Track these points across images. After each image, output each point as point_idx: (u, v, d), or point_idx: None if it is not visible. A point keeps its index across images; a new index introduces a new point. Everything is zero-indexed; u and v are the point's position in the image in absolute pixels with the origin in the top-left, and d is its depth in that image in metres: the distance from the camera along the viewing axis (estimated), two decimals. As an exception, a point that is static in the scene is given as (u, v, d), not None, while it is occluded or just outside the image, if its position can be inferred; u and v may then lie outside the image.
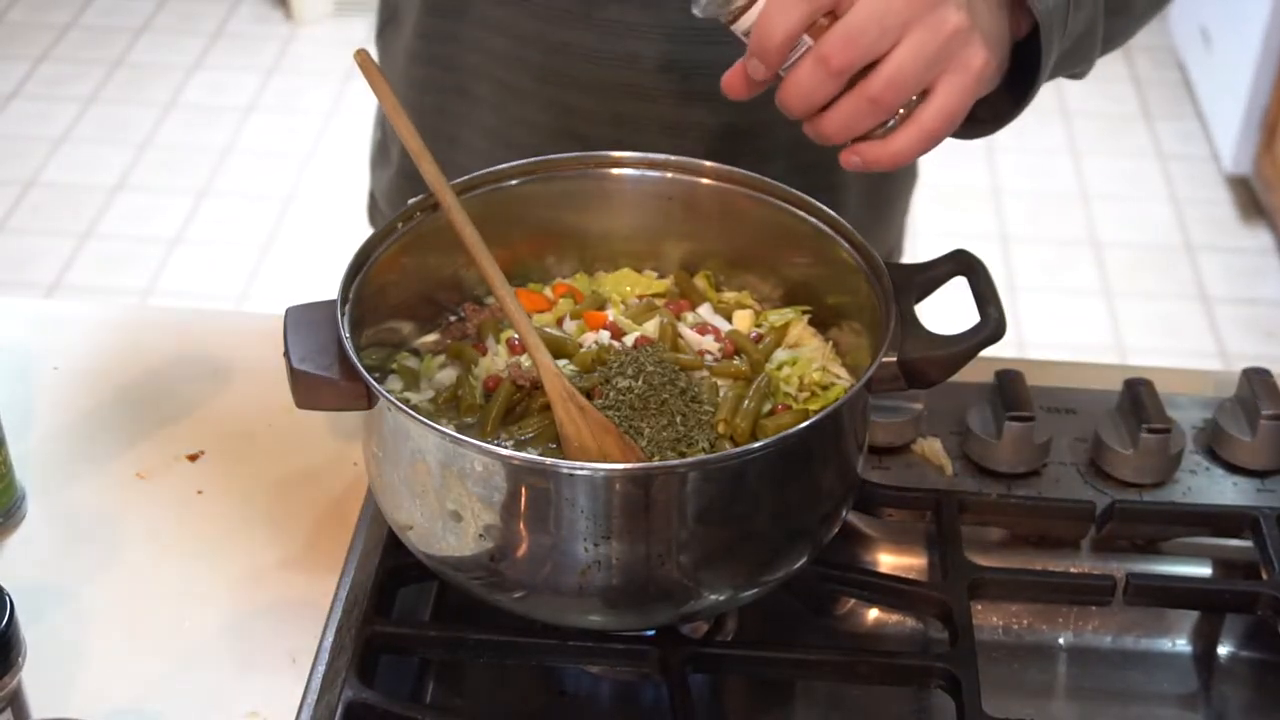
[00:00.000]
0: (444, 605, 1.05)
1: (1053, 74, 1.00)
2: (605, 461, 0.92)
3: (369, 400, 0.92)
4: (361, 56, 0.98)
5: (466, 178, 1.05)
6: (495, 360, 1.02)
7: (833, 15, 0.88)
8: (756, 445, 0.88)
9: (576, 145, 1.14)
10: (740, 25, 0.92)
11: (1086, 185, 3.59)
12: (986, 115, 1.00)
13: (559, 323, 1.07)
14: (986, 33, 0.91)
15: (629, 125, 1.19)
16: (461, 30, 1.21)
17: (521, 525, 0.89)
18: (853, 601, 1.08)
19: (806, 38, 0.88)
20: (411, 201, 1.02)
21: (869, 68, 0.88)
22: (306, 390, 0.93)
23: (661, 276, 1.12)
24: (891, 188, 1.35)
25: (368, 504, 1.08)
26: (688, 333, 1.05)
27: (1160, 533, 1.10)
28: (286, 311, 0.96)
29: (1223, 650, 1.08)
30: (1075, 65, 1.05)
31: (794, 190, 1.04)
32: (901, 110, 0.91)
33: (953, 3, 0.88)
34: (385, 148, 1.39)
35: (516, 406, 0.99)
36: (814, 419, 0.90)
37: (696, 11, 0.92)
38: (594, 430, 0.94)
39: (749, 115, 1.08)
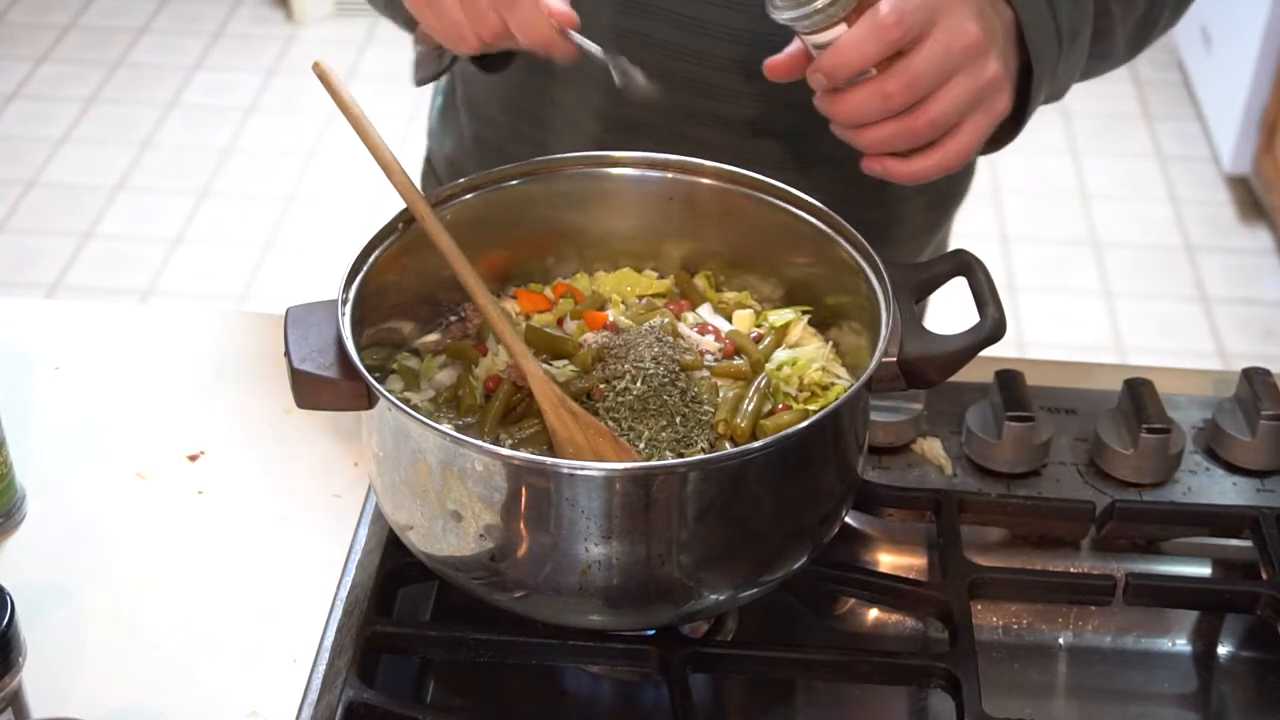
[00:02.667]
0: (444, 605, 1.05)
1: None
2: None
3: (369, 400, 0.92)
4: (319, 67, 0.98)
5: (467, 178, 1.06)
6: (495, 360, 1.02)
7: (899, 51, 0.96)
8: (756, 445, 0.88)
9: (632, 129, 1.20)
10: (815, 39, 0.97)
11: (1086, 185, 3.59)
12: None
13: (559, 323, 1.07)
14: (1011, 77, 1.02)
15: (689, 118, 1.21)
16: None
17: (522, 525, 0.89)
18: (853, 601, 1.08)
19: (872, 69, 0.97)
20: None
21: None
22: (306, 390, 0.93)
23: (662, 277, 1.12)
24: (951, 193, 1.38)
25: (368, 504, 1.08)
26: (688, 333, 1.05)
27: (1160, 533, 1.10)
28: (287, 311, 0.96)
29: (1223, 650, 1.08)
30: (1050, 98, 1.13)
31: (794, 190, 1.04)
32: None
33: (994, 53, 0.99)
34: (450, 112, 1.39)
35: (516, 406, 0.99)
36: (814, 419, 0.90)
37: (774, 16, 0.97)
38: (588, 434, 0.94)
39: (806, 121, 1.11)
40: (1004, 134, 1.08)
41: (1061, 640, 1.07)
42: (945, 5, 0.96)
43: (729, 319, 1.07)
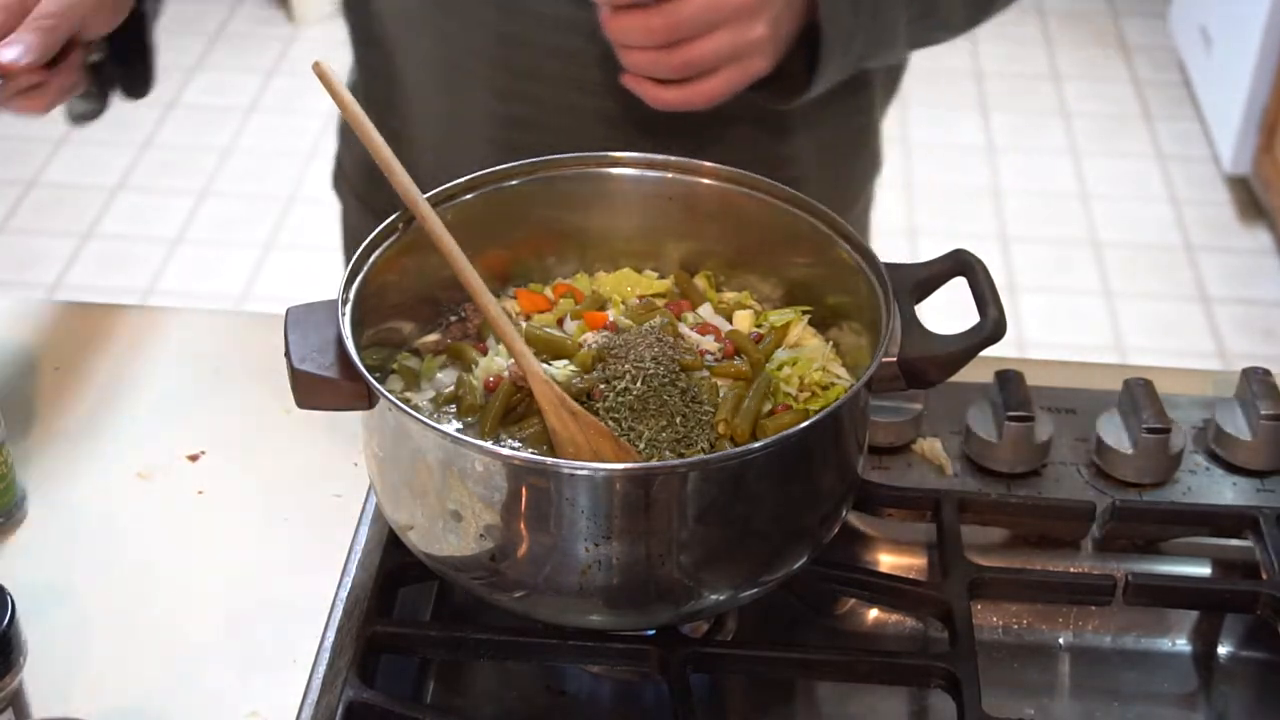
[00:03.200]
0: (444, 605, 1.05)
1: (862, 64, 1.17)
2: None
3: (369, 400, 0.92)
4: (319, 67, 0.97)
5: (467, 178, 1.06)
6: (496, 360, 1.02)
7: None
8: (756, 445, 0.88)
9: (530, 135, 1.21)
10: None
11: (1086, 185, 3.59)
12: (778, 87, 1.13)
13: (559, 323, 1.07)
14: (779, 41, 1.07)
15: (573, 116, 1.24)
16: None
17: (522, 525, 0.89)
18: (853, 601, 1.08)
19: None
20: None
21: None
22: (306, 390, 0.93)
23: (662, 277, 1.12)
24: (851, 169, 1.40)
25: (368, 504, 1.08)
26: (688, 333, 1.05)
27: (1160, 533, 1.10)
28: (287, 311, 0.96)
29: (1223, 650, 1.08)
30: (869, 61, 1.18)
31: (794, 191, 1.04)
32: None
33: (765, 16, 1.05)
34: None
35: (516, 406, 0.99)
36: (814, 419, 0.90)
37: None
38: (588, 435, 0.94)
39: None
40: (795, 90, 1.12)
41: (1062, 640, 1.07)
42: None
43: (729, 319, 1.07)
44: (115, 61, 1.16)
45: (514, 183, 1.07)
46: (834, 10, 1.08)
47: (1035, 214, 3.48)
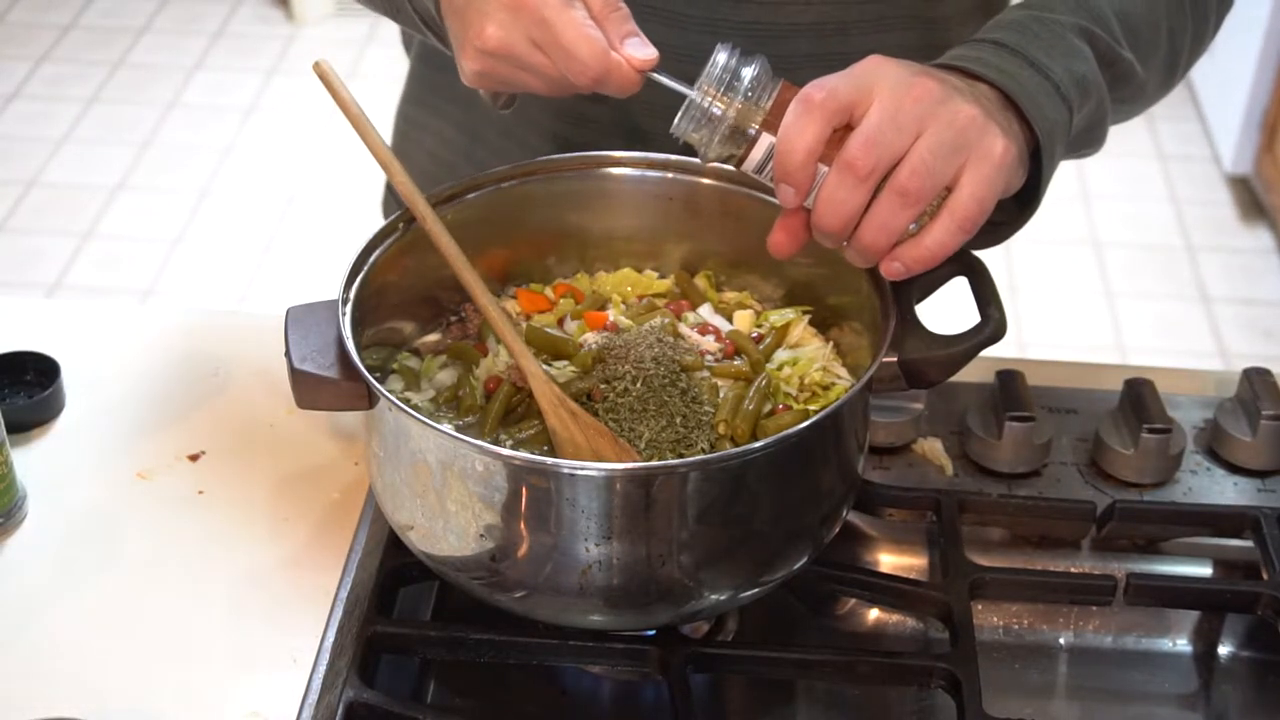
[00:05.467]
0: (444, 605, 1.05)
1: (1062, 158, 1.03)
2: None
3: (369, 400, 0.92)
4: (320, 67, 0.97)
5: (467, 179, 1.05)
6: (496, 360, 1.02)
7: (847, 128, 0.89)
8: (757, 445, 0.88)
9: (589, 133, 1.18)
10: (750, 163, 0.93)
11: (1086, 185, 3.59)
12: (1000, 218, 1.00)
13: (559, 323, 1.07)
14: (1001, 125, 0.91)
15: (640, 139, 1.19)
16: None
17: (522, 525, 0.89)
18: (853, 601, 1.08)
19: (823, 166, 0.89)
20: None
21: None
22: (306, 390, 0.93)
23: (662, 276, 1.12)
24: None
25: (368, 504, 1.08)
26: (688, 333, 1.05)
27: (1161, 533, 1.10)
28: (287, 311, 0.96)
29: (1223, 650, 1.08)
30: (1083, 151, 1.07)
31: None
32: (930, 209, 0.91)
33: (960, 96, 0.90)
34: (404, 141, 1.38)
35: (516, 407, 0.99)
36: (814, 419, 0.90)
37: (678, 135, 0.93)
38: (588, 435, 0.94)
39: None
40: (1022, 214, 1.00)
41: (1062, 640, 1.07)
42: (878, 71, 0.90)
43: (729, 319, 1.07)
44: None
45: (514, 183, 1.07)
46: (1039, 102, 0.95)
47: (1036, 214, 3.47)
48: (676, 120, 0.92)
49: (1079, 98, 0.98)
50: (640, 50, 0.93)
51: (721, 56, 0.91)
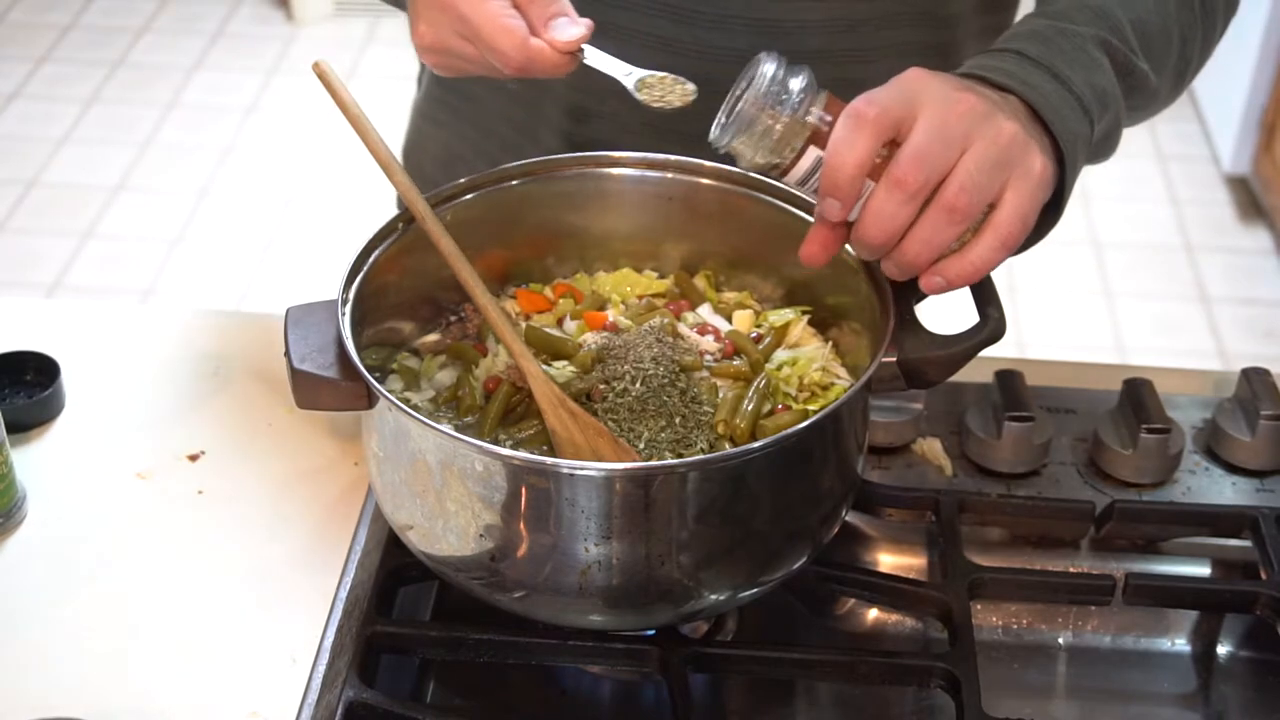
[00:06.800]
0: (444, 605, 1.05)
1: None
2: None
3: (369, 400, 0.92)
4: (319, 67, 0.97)
5: (467, 179, 1.06)
6: (495, 361, 1.02)
7: (893, 144, 0.89)
8: (756, 445, 0.88)
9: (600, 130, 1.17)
10: (794, 175, 0.93)
11: (1086, 185, 3.59)
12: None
13: (559, 323, 1.07)
14: (1038, 142, 0.93)
15: (654, 134, 1.19)
16: None
17: (522, 525, 0.89)
18: (853, 601, 1.08)
19: (869, 181, 0.90)
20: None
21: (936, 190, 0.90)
22: (306, 390, 0.93)
23: (661, 276, 1.12)
24: None
25: (368, 504, 1.08)
26: (687, 333, 1.05)
27: (1160, 533, 1.11)
28: (287, 311, 0.96)
29: (1222, 650, 1.08)
30: (1097, 159, 1.08)
31: (794, 190, 1.04)
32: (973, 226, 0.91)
33: (1002, 113, 0.91)
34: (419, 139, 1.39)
35: (516, 407, 0.99)
36: (814, 419, 0.90)
37: (719, 146, 0.93)
38: (587, 435, 0.94)
39: None
40: (1044, 222, 1.01)
41: (1061, 640, 1.08)
42: (923, 87, 0.90)
43: (729, 319, 1.07)
44: None
45: (514, 183, 1.07)
46: (1062, 113, 0.96)
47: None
48: (716, 131, 0.92)
49: (1099, 109, 0.99)
50: (565, 31, 0.94)
51: (769, 68, 0.90)
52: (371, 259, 0.99)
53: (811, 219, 1.03)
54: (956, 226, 0.89)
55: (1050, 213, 1.00)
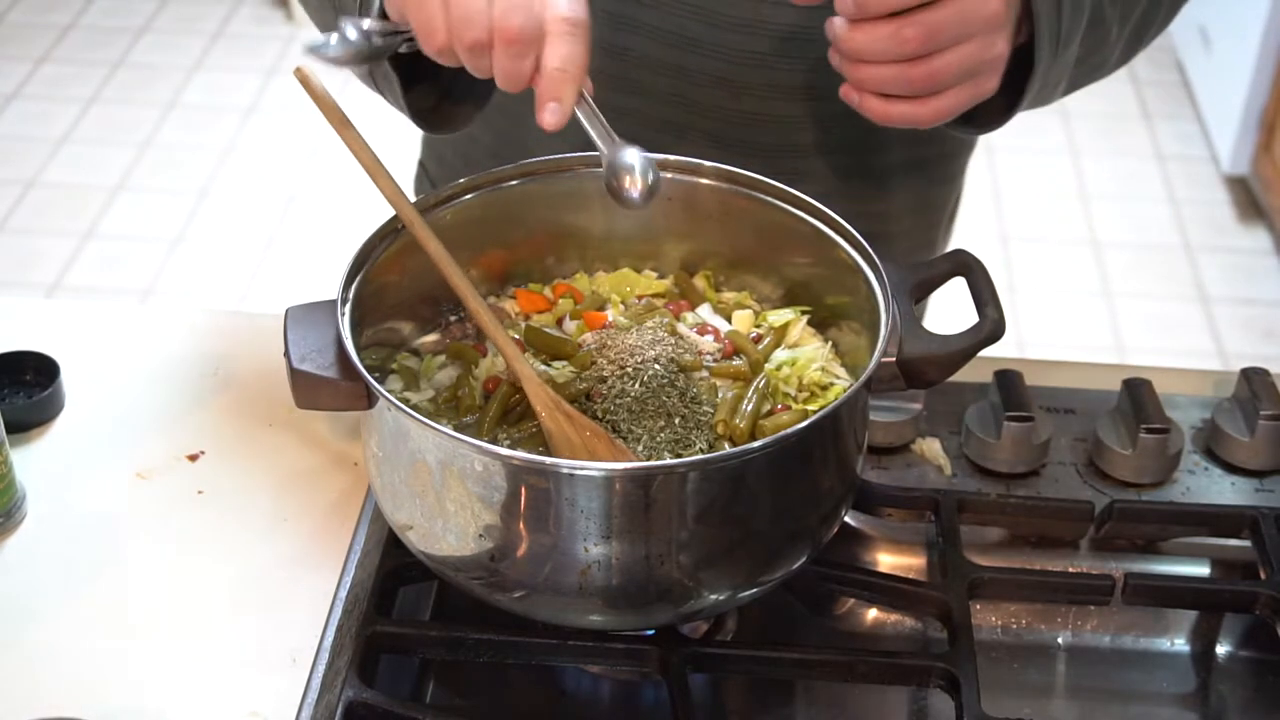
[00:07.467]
0: (444, 605, 1.05)
1: (1032, 103, 1.09)
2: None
3: (369, 400, 0.92)
4: (301, 73, 0.96)
5: (467, 179, 1.06)
6: (495, 361, 1.02)
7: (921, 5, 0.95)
8: (756, 445, 0.88)
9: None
10: None
11: (1086, 185, 3.59)
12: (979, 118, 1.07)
13: (559, 323, 1.07)
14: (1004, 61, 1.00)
15: (674, 132, 1.20)
16: None
17: (521, 525, 0.89)
18: (852, 601, 1.08)
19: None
20: (413, 201, 1.02)
21: None
22: (306, 390, 0.94)
23: (661, 277, 1.12)
24: (935, 196, 1.37)
25: (368, 504, 1.08)
26: (687, 333, 1.05)
27: (1159, 533, 1.11)
28: (286, 311, 0.96)
29: (1221, 650, 1.08)
30: (1035, 103, 1.11)
31: (793, 190, 1.04)
32: None
33: (1005, 33, 0.98)
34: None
35: (515, 407, 0.99)
36: (813, 419, 0.90)
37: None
38: (584, 436, 0.94)
39: (792, 137, 1.15)
40: (992, 120, 1.07)
41: (1060, 640, 1.08)
42: None
43: (728, 319, 1.07)
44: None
45: (513, 183, 1.07)
46: (1042, 34, 1.02)
47: (1035, 214, 3.48)
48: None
49: (1062, 48, 1.03)
50: (550, 117, 0.93)
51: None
52: (371, 259, 0.99)
53: (812, 219, 1.04)
54: (904, 91, 0.98)
55: (1001, 117, 1.07)
